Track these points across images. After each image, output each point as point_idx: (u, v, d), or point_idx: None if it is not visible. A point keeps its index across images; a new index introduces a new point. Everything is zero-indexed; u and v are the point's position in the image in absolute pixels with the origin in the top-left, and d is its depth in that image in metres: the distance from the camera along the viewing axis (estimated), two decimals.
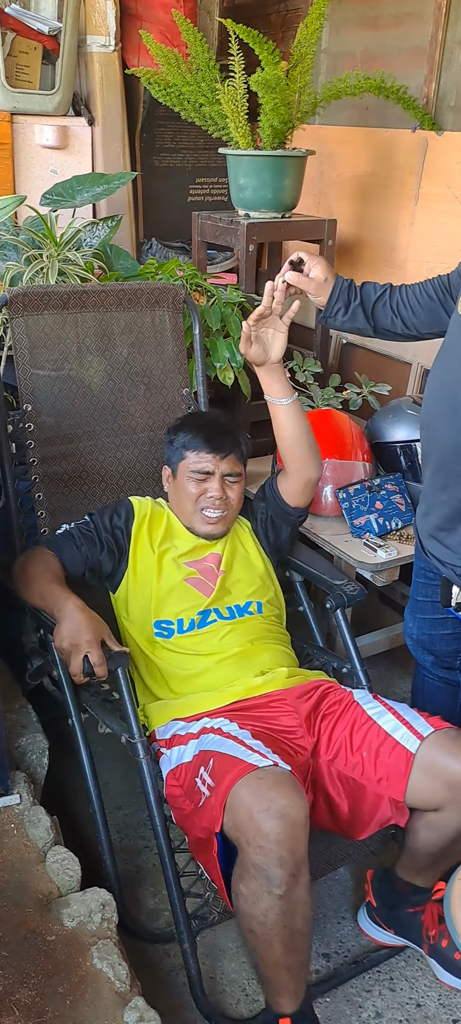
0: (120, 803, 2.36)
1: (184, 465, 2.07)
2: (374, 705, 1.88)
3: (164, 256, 3.49)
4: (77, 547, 2.04)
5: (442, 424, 1.84)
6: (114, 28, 3.30)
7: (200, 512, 2.06)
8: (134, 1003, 1.49)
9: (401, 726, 1.78)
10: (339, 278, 2.01)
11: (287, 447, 2.08)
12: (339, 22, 3.38)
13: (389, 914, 1.94)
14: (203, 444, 2.05)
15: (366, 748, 1.79)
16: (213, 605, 2.02)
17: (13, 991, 1.46)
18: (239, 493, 2.11)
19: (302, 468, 2.10)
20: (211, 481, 2.05)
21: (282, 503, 2.16)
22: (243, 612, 2.05)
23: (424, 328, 2.02)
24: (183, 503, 2.08)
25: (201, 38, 2.77)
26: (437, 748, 1.71)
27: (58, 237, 2.58)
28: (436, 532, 1.93)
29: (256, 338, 1.98)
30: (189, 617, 2.00)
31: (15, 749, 2.05)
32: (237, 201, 2.88)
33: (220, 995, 1.87)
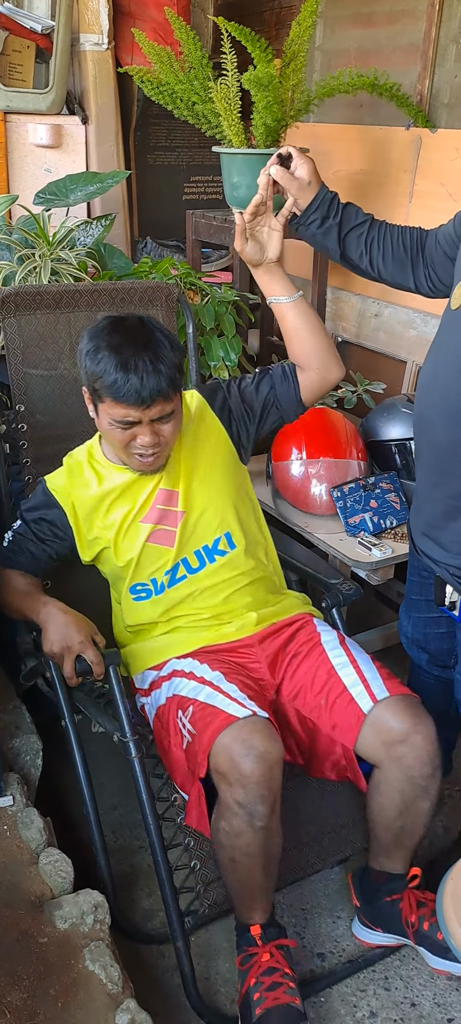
0: (115, 803, 2.36)
1: (104, 409, 1.79)
2: (339, 654, 1.91)
3: (159, 255, 3.48)
4: (32, 554, 1.99)
5: (435, 421, 1.81)
6: (107, 26, 3.30)
7: (133, 456, 1.84)
8: (126, 1005, 1.48)
9: (359, 683, 1.83)
10: (324, 187, 1.93)
11: (302, 347, 1.96)
12: (333, 19, 3.37)
13: (370, 910, 1.94)
14: (124, 395, 1.73)
15: (324, 696, 1.85)
16: (179, 557, 1.92)
17: (4, 993, 1.46)
18: (175, 423, 1.84)
19: (325, 364, 1.96)
20: (139, 428, 1.79)
21: (298, 394, 1.99)
22: (213, 555, 1.94)
23: (388, 276, 1.97)
24: (111, 443, 1.88)
25: (194, 36, 2.76)
26: (385, 709, 1.78)
27: (51, 236, 2.58)
28: (429, 529, 1.91)
29: (251, 235, 1.91)
30: (160, 580, 1.93)
31: (9, 750, 2.05)
32: (231, 199, 2.87)
33: (215, 995, 1.87)
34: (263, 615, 1.97)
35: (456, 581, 1.87)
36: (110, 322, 1.83)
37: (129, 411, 1.76)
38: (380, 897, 1.91)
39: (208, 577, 1.94)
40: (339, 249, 1.97)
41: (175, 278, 2.74)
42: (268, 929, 1.72)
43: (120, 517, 1.93)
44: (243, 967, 1.72)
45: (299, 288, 1.98)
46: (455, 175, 2.80)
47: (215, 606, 1.95)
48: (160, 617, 1.96)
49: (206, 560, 1.94)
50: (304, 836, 1.94)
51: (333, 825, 1.98)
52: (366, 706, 1.79)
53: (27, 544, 2.00)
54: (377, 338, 3.14)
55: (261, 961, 1.69)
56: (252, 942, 1.71)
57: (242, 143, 2.71)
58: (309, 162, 1.92)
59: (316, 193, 1.92)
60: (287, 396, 2.00)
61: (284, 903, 2.10)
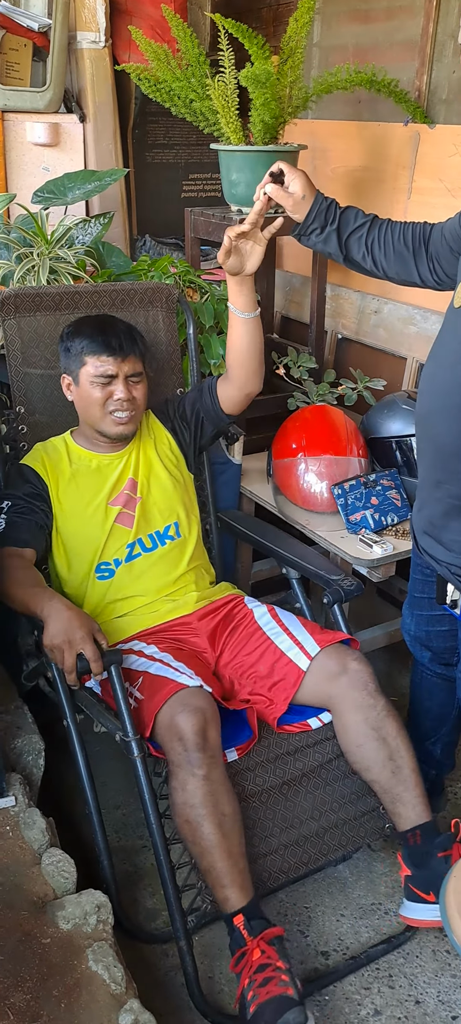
0: (118, 803, 2.36)
1: (85, 372, 2.10)
2: (272, 625, 2.11)
3: (158, 252, 3.47)
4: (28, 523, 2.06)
5: (437, 420, 1.81)
6: (104, 24, 3.28)
7: (109, 415, 2.11)
8: (129, 1005, 1.48)
9: (294, 646, 2.04)
10: (319, 196, 1.96)
11: (239, 360, 2.17)
12: (330, 16, 3.36)
13: (422, 874, 1.91)
14: (103, 348, 2.09)
15: (262, 664, 2.04)
16: (136, 536, 2.14)
17: (8, 995, 1.46)
18: (143, 392, 2.17)
19: (248, 382, 2.20)
20: (116, 384, 2.10)
21: (218, 408, 2.25)
22: (163, 539, 2.17)
23: (392, 273, 1.99)
24: (90, 409, 2.12)
25: (191, 33, 2.75)
26: (320, 658, 2.00)
27: (50, 235, 2.57)
28: (430, 528, 1.91)
29: (235, 249, 2.01)
30: (123, 555, 2.11)
31: (11, 751, 2.05)
32: (230, 197, 2.86)
33: (218, 995, 1.87)
34: (202, 595, 2.19)
35: (457, 580, 1.87)
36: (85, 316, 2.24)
37: (108, 363, 2.09)
38: (432, 855, 1.90)
39: (160, 557, 2.15)
40: (342, 253, 1.99)
41: (174, 276, 2.73)
42: (253, 921, 1.73)
43: (89, 495, 2.13)
44: (237, 969, 1.71)
45: (258, 308, 2.14)
46: (453, 171, 2.80)
47: (166, 586, 2.15)
48: (114, 597, 2.10)
49: (158, 543, 2.16)
50: (305, 832, 1.95)
51: (334, 821, 1.99)
52: (304, 664, 2.00)
53: (21, 514, 2.06)
54: (377, 335, 3.14)
55: (252, 960, 1.69)
56: (241, 939, 1.72)
57: (240, 140, 2.70)
58: (301, 175, 1.94)
59: (312, 204, 1.94)
60: (210, 411, 2.26)
61: (287, 901, 2.10)
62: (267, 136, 2.70)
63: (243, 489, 2.80)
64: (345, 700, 1.97)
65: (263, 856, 1.88)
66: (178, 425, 2.30)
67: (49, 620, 1.84)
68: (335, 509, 2.50)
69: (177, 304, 2.51)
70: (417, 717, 2.26)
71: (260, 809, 1.92)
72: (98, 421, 2.13)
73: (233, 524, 2.55)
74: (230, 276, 2.07)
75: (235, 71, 2.57)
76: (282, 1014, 1.60)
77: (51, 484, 2.13)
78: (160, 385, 2.47)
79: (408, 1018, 1.84)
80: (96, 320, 2.21)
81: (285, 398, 2.91)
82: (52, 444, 2.21)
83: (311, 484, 2.52)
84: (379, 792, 1.97)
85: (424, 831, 1.92)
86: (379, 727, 1.95)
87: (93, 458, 2.18)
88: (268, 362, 3.25)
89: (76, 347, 2.12)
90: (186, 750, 1.75)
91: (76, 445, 2.20)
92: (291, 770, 1.98)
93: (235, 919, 1.73)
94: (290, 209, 1.95)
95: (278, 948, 1.72)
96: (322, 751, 2.02)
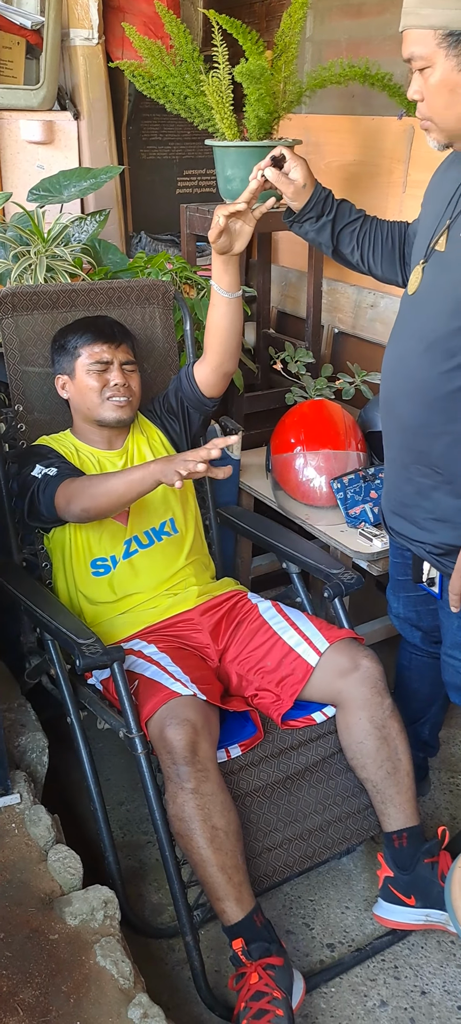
0: (122, 799, 2.36)
1: (81, 363, 2.14)
2: (278, 620, 2.10)
3: (153, 249, 3.47)
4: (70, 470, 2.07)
5: (401, 403, 1.84)
6: (97, 21, 3.28)
7: (107, 400, 2.14)
8: (138, 999, 1.49)
9: (303, 641, 2.03)
10: (318, 186, 1.96)
11: (219, 339, 2.16)
12: (323, 10, 3.36)
13: (406, 878, 1.92)
14: (97, 336, 2.15)
15: (270, 659, 2.03)
16: (132, 533, 2.14)
17: (17, 991, 1.46)
18: (138, 382, 2.22)
19: (226, 360, 2.19)
20: (111, 371, 2.14)
21: (198, 392, 2.25)
22: (160, 535, 2.17)
23: (377, 270, 2.02)
24: (88, 398, 2.15)
25: (184, 29, 2.75)
26: (330, 654, 1.99)
27: (46, 233, 2.57)
28: (401, 509, 1.94)
29: (226, 229, 1.99)
30: (120, 552, 2.12)
31: (15, 748, 2.05)
32: (225, 192, 2.86)
33: (224, 988, 1.87)
34: (203, 590, 2.19)
35: (432, 558, 1.90)
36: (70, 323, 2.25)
37: (103, 350, 2.14)
38: (418, 860, 1.92)
39: (157, 551, 2.15)
40: (332, 245, 2.00)
41: (171, 272, 2.73)
42: (252, 945, 1.71)
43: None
44: (235, 987, 1.72)
45: (241, 288, 2.13)
46: None
47: (164, 580, 2.14)
48: (112, 597, 2.10)
49: (154, 539, 2.16)
50: (309, 826, 1.95)
51: (338, 815, 2.00)
52: (313, 660, 1.99)
53: (60, 463, 2.06)
54: (374, 328, 3.14)
55: (249, 983, 1.68)
56: (239, 962, 1.71)
57: (235, 136, 2.70)
58: (303, 164, 1.94)
59: (311, 193, 1.94)
60: (192, 397, 2.26)
61: (292, 894, 2.11)
62: (262, 131, 2.70)
63: (242, 484, 2.80)
64: (353, 697, 1.96)
65: (267, 851, 1.89)
66: (166, 420, 2.31)
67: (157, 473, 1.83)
68: (334, 503, 2.50)
69: (174, 301, 2.52)
70: (405, 700, 2.27)
71: (264, 804, 1.93)
72: (96, 409, 2.14)
73: (233, 520, 2.55)
74: (217, 255, 2.05)
75: (229, 66, 2.57)
76: None
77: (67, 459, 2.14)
78: (157, 382, 2.47)
79: (414, 1008, 1.85)
80: (88, 317, 2.27)
81: (283, 393, 2.92)
82: (56, 438, 2.22)
83: (310, 479, 2.53)
84: (371, 790, 1.97)
85: (411, 834, 1.94)
86: (383, 726, 1.95)
87: (95, 452, 2.19)
88: (265, 357, 3.26)
89: (71, 343, 2.17)
90: (175, 763, 1.74)
91: (78, 441, 2.21)
92: (294, 765, 1.99)
93: (234, 943, 1.71)
94: (290, 196, 1.94)
95: (276, 975, 1.70)
96: (325, 745, 2.03)
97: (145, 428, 2.29)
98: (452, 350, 1.71)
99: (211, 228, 1.99)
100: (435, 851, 1.94)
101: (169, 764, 1.75)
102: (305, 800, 1.98)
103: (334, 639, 2.02)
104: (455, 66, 1.58)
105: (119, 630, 2.09)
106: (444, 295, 1.72)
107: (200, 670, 1.98)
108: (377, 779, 1.95)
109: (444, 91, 1.61)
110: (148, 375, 2.45)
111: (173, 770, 1.74)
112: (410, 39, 1.62)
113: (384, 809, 1.96)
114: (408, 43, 1.63)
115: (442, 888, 1.88)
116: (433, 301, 1.75)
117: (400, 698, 2.27)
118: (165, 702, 1.80)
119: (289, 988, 1.71)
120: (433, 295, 1.75)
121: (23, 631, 2.22)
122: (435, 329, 1.73)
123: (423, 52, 1.60)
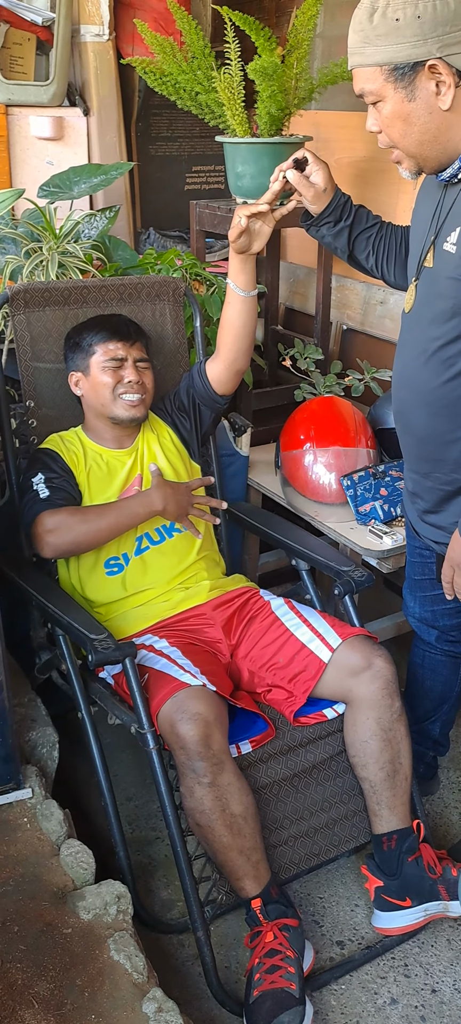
0: (130, 794, 2.37)
1: (96, 360, 2.16)
2: (291, 616, 2.11)
3: (162, 245, 3.47)
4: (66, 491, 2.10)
5: (413, 413, 1.87)
6: (108, 17, 3.27)
7: (120, 398, 2.15)
8: (152, 994, 1.49)
9: (315, 638, 2.03)
10: (338, 191, 1.98)
11: (233, 336, 2.19)
12: (333, 6, 3.35)
13: (396, 883, 1.93)
14: (112, 334, 2.17)
15: (282, 656, 2.03)
16: (143, 530, 2.15)
17: (32, 984, 1.47)
18: (151, 380, 2.23)
19: (239, 358, 2.22)
20: (125, 368, 2.16)
21: (210, 390, 2.27)
22: (171, 532, 2.19)
23: (390, 277, 2.04)
24: (101, 395, 2.16)
25: (196, 25, 2.75)
26: (343, 650, 1.99)
27: (57, 229, 2.57)
28: (425, 516, 1.96)
29: (246, 229, 2.01)
30: (132, 549, 2.13)
31: (25, 743, 2.06)
32: (235, 189, 2.86)
33: (235, 984, 1.88)
34: (215, 584, 2.20)
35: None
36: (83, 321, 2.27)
37: (118, 347, 2.16)
38: (403, 861, 1.92)
39: (168, 548, 2.17)
40: (348, 249, 2.03)
41: (180, 269, 2.73)
42: (269, 906, 1.79)
43: (101, 488, 2.15)
44: (251, 945, 1.78)
45: (256, 288, 2.15)
46: None
47: (176, 576, 2.16)
48: (125, 593, 2.11)
49: (165, 535, 2.18)
50: (315, 824, 1.96)
51: (344, 813, 2.01)
52: (326, 656, 1.98)
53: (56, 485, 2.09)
54: (383, 325, 3.14)
55: (265, 941, 1.75)
56: (256, 919, 1.78)
57: (246, 133, 2.70)
58: (325, 168, 1.95)
59: (331, 198, 1.96)
60: (204, 393, 2.29)
61: (301, 892, 2.11)
62: (273, 128, 2.70)
63: (250, 481, 2.80)
64: (364, 695, 1.96)
65: (273, 848, 1.90)
66: (177, 417, 2.33)
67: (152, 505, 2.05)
68: (344, 500, 2.50)
69: (184, 297, 2.52)
70: (416, 698, 2.28)
71: (271, 801, 1.93)
72: (109, 406, 2.16)
73: (242, 516, 2.55)
74: (234, 254, 2.08)
75: (241, 63, 2.56)
76: (280, 1012, 1.65)
77: (72, 468, 2.16)
78: (167, 379, 2.47)
79: (425, 1006, 1.85)
80: (103, 315, 2.30)
81: (291, 389, 2.92)
82: (66, 436, 2.23)
83: (320, 475, 2.53)
84: (367, 790, 1.98)
85: (400, 836, 1.95)
86: (389, 728, 1.95)
87: (104, 452, 2.20)
88: (273, 353, 3.26)
89: (86, 340, 2.18)
90: (189, 759, 1.75)
91: (88, 439, 2.22)
92: (302, 762, 1.99)
93: (253, 903, 1.78)
94: (310, 199, 1.95)
95: (291, 936, 1.77)
96: (333, 743, 2.03)
97: (155, 426, 2.30)
98: (450, 360, 1.74)
99: (231, 227, 2.01)
100: (415, 846, 1.94)
101: (184, 759, 1.76)
102: (312, 798, 1.98)
103: (347, 636, 2.02)
104: (404, 97, 1.63)
105: (131, 624, 2.10)
106: (436, 308, 1.75)
107: (210, 664, 1.99)
108: (376, 780, 1.95)
109: (397, 122, 1.67)
110: (158, 371, 2.45)
111: (188, 765, 1.75)
112: (359, 77, 1.68)
113: (378, 810, 1.96)
114: (358, 80, 1.69)
115: (432, 880, 1.92)
116: (427, 315, 1.78)
117: (412, 696, 2.28)
118: (174, 693, 1.81)
119: (301, 951, 1.78)
120: (426, 310, 1.79)
121: (33, 626, 2.22)
122: (432, 341, 1.77)
123: (373, 88, 1.66)
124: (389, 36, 1.59)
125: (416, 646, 2.28)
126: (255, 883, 1.79)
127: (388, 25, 1.58)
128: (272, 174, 2.73)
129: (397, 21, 1.57)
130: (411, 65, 1.59)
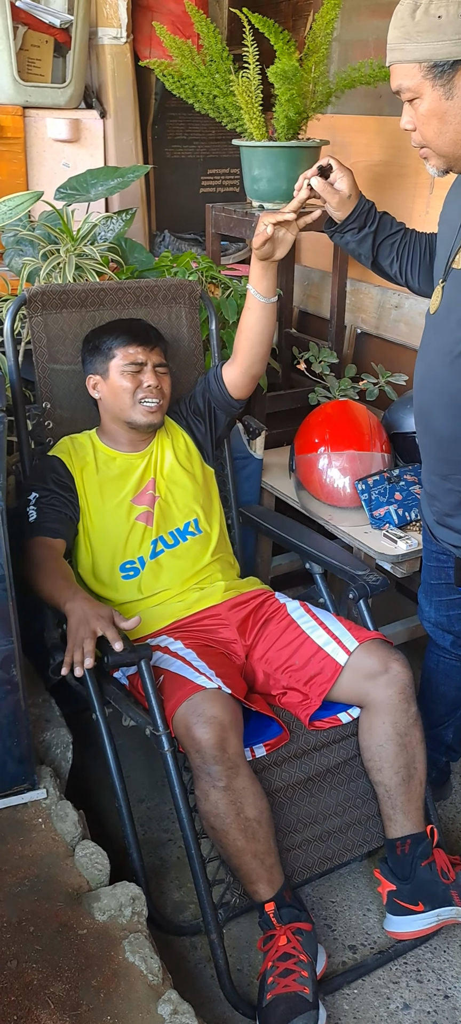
0: (142, 796, 2.37)
1: (115, 364, 2.17)
2: (307, 619, 2.11)
3: (177, 248, 3.48)
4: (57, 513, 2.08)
5: (436, 416, 1.86)
6: (125, 19, 3.29)
7: (139, 403, 2.16)
8: (168, 996, 1.50)
9: (332, 640, 2.02)
10: (362, 198, 1.99)
11: (251, 342, 2.21)
12: (351, 10, 3.36)
13: (409, 887, 1.93)
14: (132, 338, 2.18)
15: (298, 657, 2.03)
16: (158, 534, 2.16)
17: (47, 984, 1.47)
18: (169, 385, 2.24)
19: (256, 363, 2.24)
20: (145, 372, 2.16)
21: (226, 394, 2.29)
22: (185, 535, 2.20)
23: (415, 283, 2.05)
24: (120, 399, 2.17)
25: (214, 29, 2.75)
26: (360, 653, 1.98)
27: (75, 232, 2.58)
28: (444, 519, 1.96)
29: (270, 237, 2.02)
30: (147, 552, 2.14)
31: (40, 743, 2.06)
32: (251, 192, 2.87)
33: (247, 987, 1.88)
34: (230, 586, 2.21)
35: None
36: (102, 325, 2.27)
37: (137, 351, 2.16)
38: (416, 865, 1.92)
39: (183, 551, 2.17)
40: (372, 255, 2.03)
41: (196, 272, 2.74)
42: (282, 909, 1.79)
43: (113, 492, 2.16)
44: (264, 948, 1.78)
45: (276, 295, 2.16)
46: None
47: (191, 577, 2.16)
48: (141, 595, 2.12)
49: (179, 539, 2.19)
50: (328, 828, 1.97)
51: (358, 817, 2.01)
52: (342, 659, 1.98)
53: (50, 505, 2.08)
54: (398, 329, 3.14)
55: (278, 944, 1.75)
56: (269, 923, 1.78)
57: (263, 136, 2.71)
58: (349, 175, 1.97)
59: (355, 204, 1.96)
60: (219, 398, 2.30)
61: (313, 896, 2.11)
62: (290, 132, 2.71)
63: (264, 484, 2.80)
64: (380, 699, 1.95)
65: (286, 852, 1.90)
66: (192, 421, 2.33)
67: (71, 614, 1.87)
68: (358, 504, 2.50)
69: (200, 300, 2.52)
70: (430, 702, 2.27)
71: (285, 805, 1.94)
72: (127, 410, 2.16)
73: (255, 519, 2.55)
74: (256, 260, 2.09)
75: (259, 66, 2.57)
76: (294, 1016, 1.65)
77: (77, 476, 2.15)
78: (183, 382, 2.47)
79: (438, 1012, 1.85)
80: (122, 319, 2.30)
81: (306, 393, 2.92)
82: (78, 439, 2.24)
83: (334, 479, 2.53)
84: (381, 794, 1.98)
85: (413, 841, 1.94)
86: (405, 733, 1.95)
87: (117, 456, 2.21)
88: (287, 357, 3.26)
89: (105, 344, 2.19)
90: (205, 762, 1.75)
91: (101, 443, 2.23)
92: (316, 766, 1.99)
93: (266, 906, 1.79)
94: (334, 206, 1.97)
95: (304, 940, 1.77)
96: (348, 747, 2.03)
97: (170, 430, 2.31)
98: None
99: (256, 235, 2.02)
100: (429, 851, 1.94)
101: (199, 763, 1.76)
102: (326, 802, 1.99)
103: (364, 639, 2.02)
104: (442, 95, 1.64)
105: (146, 625, 2.10)
106: None
107: (225, 667, 1.99)
108: (391, 784, 1.95)
109: (434, 119, 1.68)
110: (173, 374, 2.45)
111: (204, 769, 1.75)
112: (397, 73, 1.69)
113: (392, 815, 1.96)
114: (395, 77, 1.70)
115: (445, 885, 1.91)
116: (454, 317, 1.78)
117: (425, 700, 2.27)
118: (189, 696, 1.80)
119: (314, 955, 1.78)
120: (453, 312, 1.79)
121: (47, 627, 2.22)
122: (458, 343, 1.77)
123: (410, 84, 1.67)
124: (430, 33, 1.60)
125: (430, 651, 2.28)
126: (269, 887, 1.80)
127: (430, 22, 1.59)
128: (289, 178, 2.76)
129: (439, 18, 1.58)
130: (451, 63, 1.61)
